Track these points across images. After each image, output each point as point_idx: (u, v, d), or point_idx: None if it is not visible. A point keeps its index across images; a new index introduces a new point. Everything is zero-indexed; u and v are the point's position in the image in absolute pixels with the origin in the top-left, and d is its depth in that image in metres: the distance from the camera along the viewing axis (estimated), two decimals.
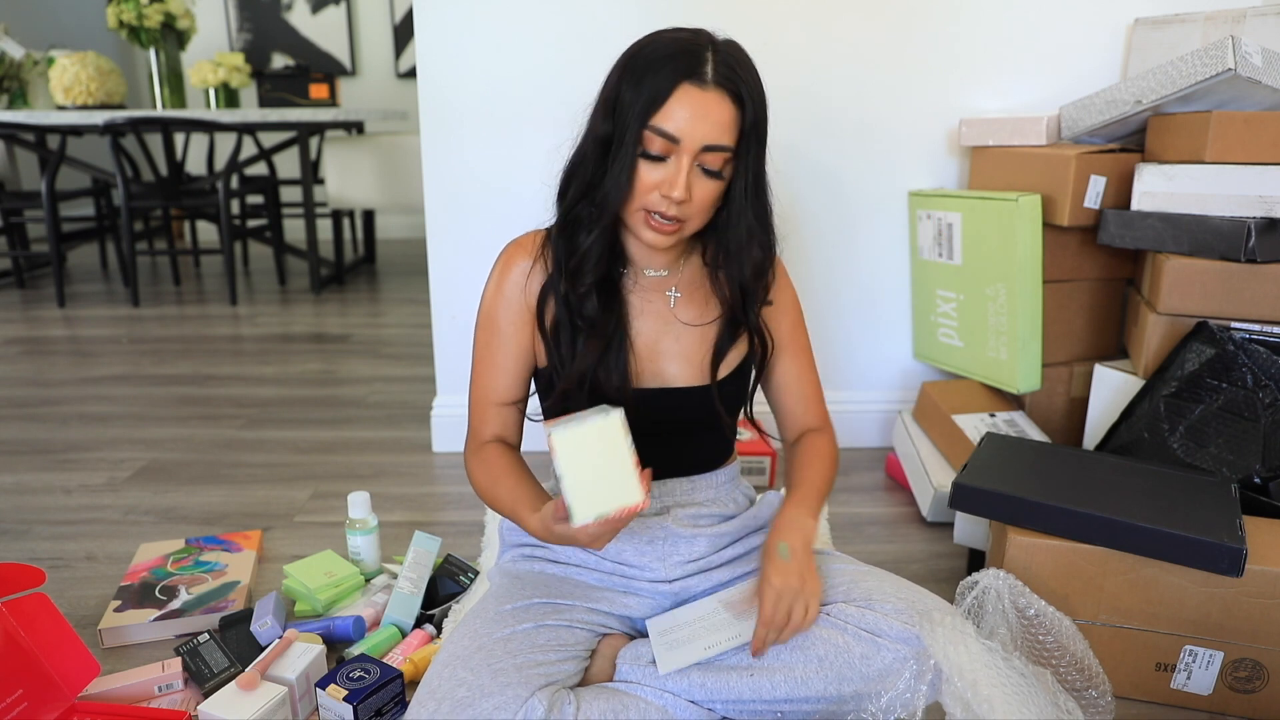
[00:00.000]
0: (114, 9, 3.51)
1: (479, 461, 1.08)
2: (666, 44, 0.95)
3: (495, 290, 1.09)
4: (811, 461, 1.14)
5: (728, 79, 0.93)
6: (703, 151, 0.94)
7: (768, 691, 0.96)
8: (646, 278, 1.09)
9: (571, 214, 1.02)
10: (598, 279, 1.03)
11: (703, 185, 0.96)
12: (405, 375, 2.60)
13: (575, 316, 1.04)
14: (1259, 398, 1.31)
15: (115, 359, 2.77)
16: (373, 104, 5.23)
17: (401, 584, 1.32)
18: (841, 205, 1.91)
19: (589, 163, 0.99)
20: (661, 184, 0.95)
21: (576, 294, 1.03)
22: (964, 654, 0.90)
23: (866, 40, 1.81)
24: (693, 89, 0.92)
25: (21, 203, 3.68)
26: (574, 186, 1.02)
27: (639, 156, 0.96)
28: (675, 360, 1.08)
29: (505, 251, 1.10)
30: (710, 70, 0.93)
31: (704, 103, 0.93)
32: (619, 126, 0.96)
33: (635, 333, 1.07)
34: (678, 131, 0.93)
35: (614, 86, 0.97)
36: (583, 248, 1.01)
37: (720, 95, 0.93)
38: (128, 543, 1.57)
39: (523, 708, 0.88)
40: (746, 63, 0.96)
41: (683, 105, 0.93)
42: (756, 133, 0.97)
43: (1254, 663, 1.12)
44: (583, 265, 1.02)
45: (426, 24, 1.79)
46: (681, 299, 1.09)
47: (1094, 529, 1.12)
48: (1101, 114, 1.62)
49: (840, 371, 2.00)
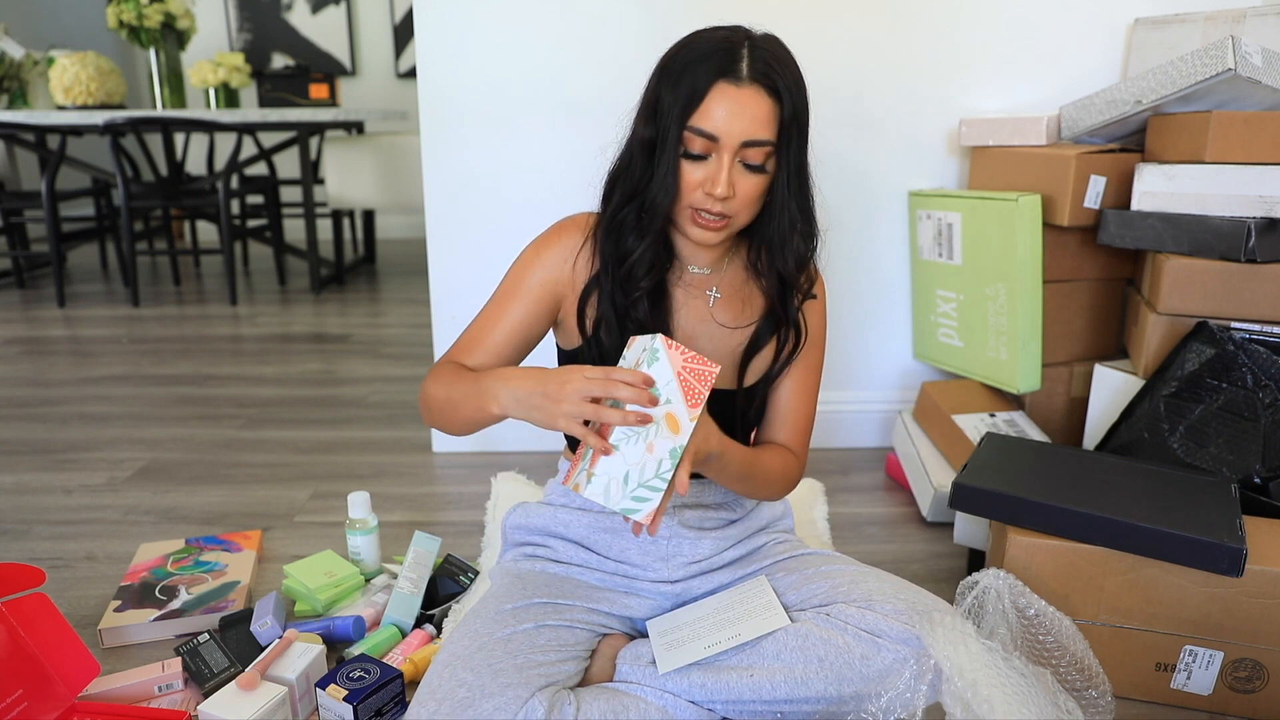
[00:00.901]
0: (114, 9, 3.51)
1: (438, 373, 1.03)
2: (703, 44, 0.96)
3: (535, 253, 1.08)
4: (758, 450, 1.11)
5: (764, 74, 0.94)
6: (743, 147, 0.95)
7: (767, 692, 0.96)
8: (690, 274, 1.09)
9: (618, 217, 1.03)
10: (651, 285, 1.04)
11: (746, 181, 0.97)
12: (405, 375, 2.60)
13: (624, 319, 1.04)
14: (1259, 398, 1.31)
15: (115, 359, 2.77)
16: (373, 104, 5.23)
17: (401, 584, 1.32)
18: (841, 205, 1.91)
19: (635, 166, 1.00)
20: (705, 182, 0.96)
21: (628, 299, 1.03)
22: (964, 654, 0.90)
23: (866, 40, 1.81)
24: (729, 87, 0.93)
25: (21, 203, 3.68)
26: (619, 190, 1.02)
27: (681, 157, 0.97)
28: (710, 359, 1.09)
29: (559, 224, 1.09)
30: (745, 67, 0.94)
31: (740, 99, 0.93)
32: (661, 129, 0.97)
33: (676, 326, 1.08)
34: (716, 130, 0.94)
35: (654, 89, 0.98)
36: (634, 254, 1.02)
37: (756, 90, 0.94)
38: (128, 543, 1.57)
39: (523, 708, 0.88)
40: (784, 56, 0.97)
41: (720, 103, 0.93)
42: (797, 125, 0.97)
43: (1254, 663, 1.12)
44: (634, 271, 1.03)
45: (426, 24, 1.79)
46: (721, 300, 1.10)
47: (1094, 529, 1.12)
48: (1101, 114, 1.62)
49: (840, 371, 2.00)
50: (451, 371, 1.02)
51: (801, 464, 1.16)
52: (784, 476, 1.12)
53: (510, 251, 1.16)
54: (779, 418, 1.15)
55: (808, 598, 1.03)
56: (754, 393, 1.11)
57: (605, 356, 1.05)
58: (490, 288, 1.13)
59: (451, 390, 1.00)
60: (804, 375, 1.15)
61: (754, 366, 1.10)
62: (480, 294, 1.11)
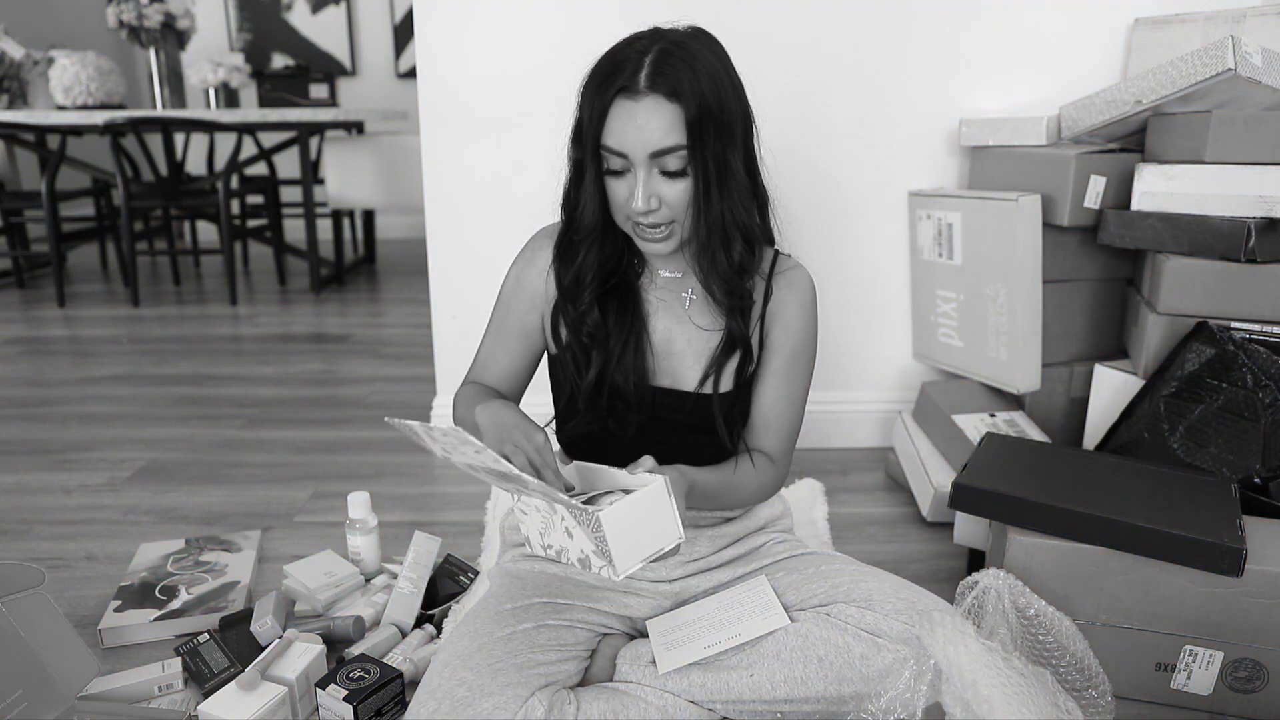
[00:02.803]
0: (114, 9, 3.51)
1: (471, 386, 1.14)
2: (605, 61, 0.97)
3: (517, 274, 1.14)
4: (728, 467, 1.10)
5: (659, 82, 0.93)
6: (654, 157, 0.95)
7: (767, 692, 0.96)
8: (663, 278, 1.11)
9: (566, 238, 1.07)
10: (597, 294, 1.06)
11: (669, 188, 0.97)
12: (405, 375, 2.59)
13: (581, 334, 1.07)
14: (1259, 398, 1.31)
15: (115, 359, 2.77)
16: (373, 104, 5.22)
17: (401, 584, 1.32)
18: (841, 205, 1.91)
19: (572, 187, 1.03)
20: (630, 198, 0.97)
21: (577, 312, 1.06)
22: (964, 654, 0.90)
23: (866, 40, 1.81)
24: (626, 102, 0.94)
25: (21, 203, 3.68)
26: (564, 212, 1.06)
27: (604, 175, 0.99)
28: (687, 360, 1.10)
29: (535, 238, 1.14)
30: (642, 79, 0.93)
31: (638, 113, 0.94)
32: (583, 150, 0.99)
33: (652, 329, 1.10)
34: (621, 146, 0.95)
35: (577, 114, 1.00)
36: (577, 265, 1.05)
37: (655, 100, 0.93)
38: (128, 543, 1.57)
39: (523, 708, 0.88)
40: (688, 56, 0.94)
41: (619, 120, 0.94)
42: (712, 124, 0.95)
43: (1254, 663, 1.12)
44: (579, 281, 1.06)
45: (426, 24, 1.79)
46: (696, 301, 1.11)
47: (1094, 529, 1.12)
48: (1101, 114, 1.62)
49: (840, 371, 2.00)
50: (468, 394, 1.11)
51: (780, 473, 1.15)
52: (759, 488, 1.13)
53: (510, 251, 1.17)
54: (761, 423, 1.13)
55: (807, 597, 1.03)
56: (730, 398, 1.09)
57: (580, 368, 1.08)
58: (490, 288, 1.13)
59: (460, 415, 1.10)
60: (787, 381, 1.12)
61: (728, 371, 1.09)
62: (480, 294, 1.12)
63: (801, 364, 1.13)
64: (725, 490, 1.08)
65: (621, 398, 1.06)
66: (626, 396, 1.06)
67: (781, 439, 1.14)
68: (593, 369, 1.06)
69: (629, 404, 1.06)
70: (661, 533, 0.89)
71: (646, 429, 1.08)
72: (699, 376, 1.08)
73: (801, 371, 1.13)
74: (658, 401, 1.08)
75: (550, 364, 1.16)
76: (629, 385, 1.06)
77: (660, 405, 1.08)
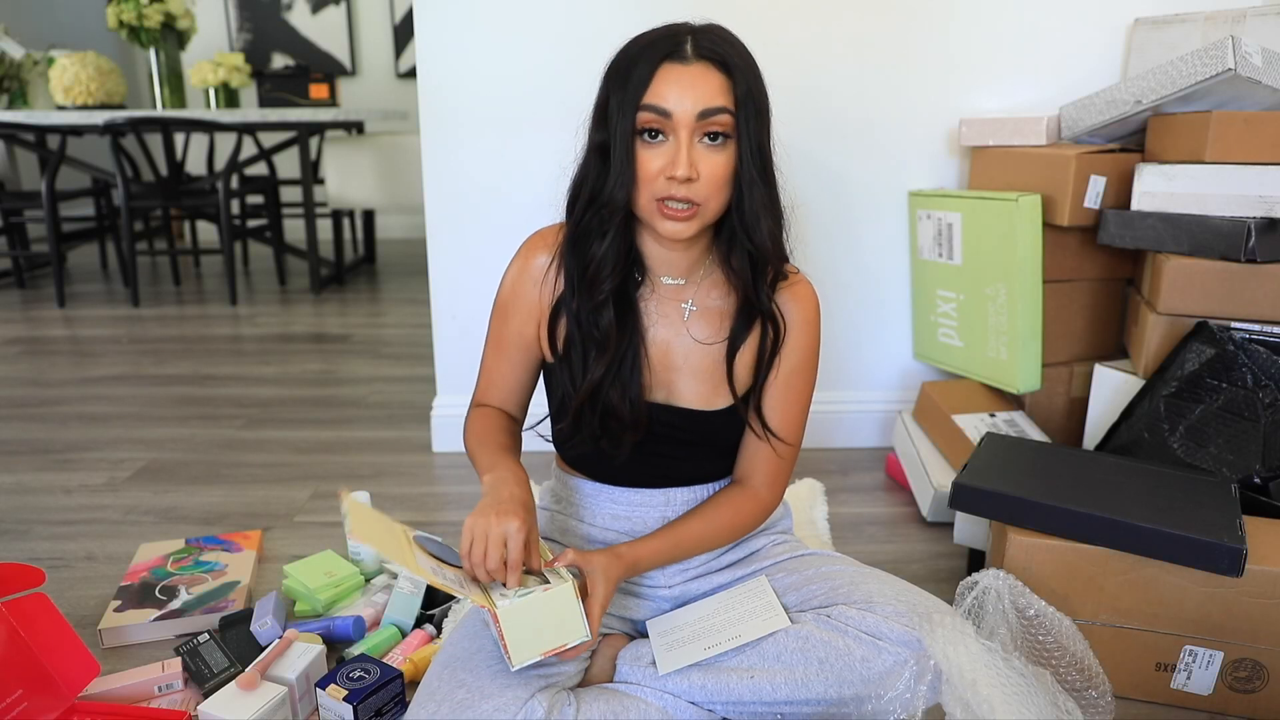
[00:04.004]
0: (114, 9, 3.51)
1: (479, 414, 1.12)
2: (643, 39, 0.95)
3: (512, 283, 1.09)
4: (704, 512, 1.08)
5: (711, 52, 0.92)
6: (700, 120, 0.91)
7: (768, 693, 0.96)
8: (663, 286, 1.06)
9: (581, 225, 1.00)
10: (615, 287, 1.01)
11: (709, 160, 0.93)
12: (405, 375, 2.59)
13: (589, 332, 1.02)
14: (1259, 398, 1.31)
15: (115, 359, 2.77)
16: (373, 104, 5.22)
17: (401, 584, 1.32)
18: (841, 205, 1.91)
19: (592, 172, 0.98)
20: (665, 167, 0.93)
21: (592, 305, 1.01)
22: (964, 654, 0.90)
23: (866, 40, 1.81)
24: (675, 65, 0.92)
25: (21, 203, 3.68)
26: (580, 198, 0.99)
27: (637, 139, 0.93)
28: (684, 375, 1.06)
29: (528, 242, 1.09)
30: (690, 47, 0.92)
31: (689, 75, 0.91)
32: (612, 127, 0.94)
33: (649, 341, 1.05)
34: (667, 104, 0.91)
35: (602, 95, 0.97)
36: (597, 256, 0.99)
37: (705, 66, 0.92)
38: (128, 543, 1.57)
39: (523, 709, 0.88)
40: (731, 39, 0.95)
41: (668, 82, 0.91)
42: (754, 102, 0.93)
43: (1254, 663, 1.12)
44: (599, 273, 1.00)
45: (426, 24, 1.79)
46: (696, 313, 1.06)
47: (1094, 529, 1.12)
48: (1101, 114, 1.62)
49: (840, 371, 2.00)
50: (478, 429, 1.09)
51: (767, 499, 1.11)
52: (735, 526, 1.09)
53: (510, 251, 1.16)
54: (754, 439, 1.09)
55: (808, 599, 1.03)
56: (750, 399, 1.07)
57: (575, 376, 1.03)
58: (490, 288, 1.13)
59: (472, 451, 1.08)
60: (785, 392, 1.08)
61: (740, 376, 1.06)
62: (480, 294, 1.11)
63: (801, 381, 1.09)
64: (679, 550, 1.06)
65: (616, 416, 1.02)
66: (622, 415, 1.02)
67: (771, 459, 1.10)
68: (589, 377, 1.01)
69: (624, 422, 1.02)
70: (566, 631, 0.90)
71: (641, 443, 1.05)
72: (701, 391, 1.06)
73: (800, 391, 1.10)
74: (654, 417, 1.05)
75: (545, 374, 1.12)
76: (625, 403, 1.02)
77: (656, 420, 1.05)
